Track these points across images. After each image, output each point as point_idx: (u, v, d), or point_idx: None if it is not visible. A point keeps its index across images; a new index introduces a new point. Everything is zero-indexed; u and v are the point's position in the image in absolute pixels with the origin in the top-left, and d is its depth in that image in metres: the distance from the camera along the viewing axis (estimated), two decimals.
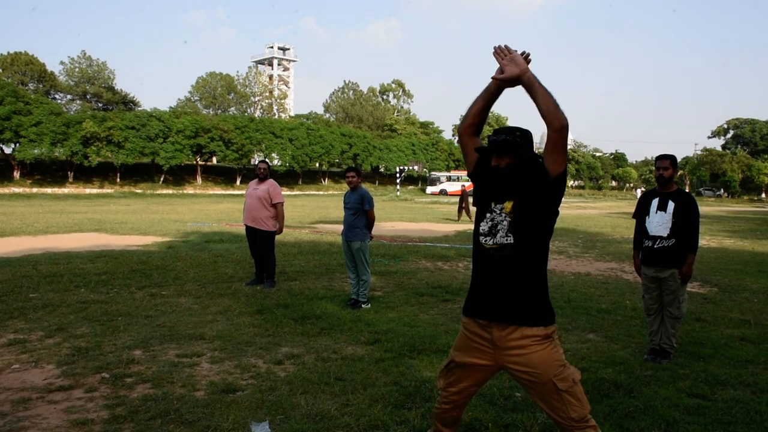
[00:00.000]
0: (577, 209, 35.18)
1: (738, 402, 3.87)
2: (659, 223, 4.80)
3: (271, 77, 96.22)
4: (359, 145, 60.17)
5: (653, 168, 4.98)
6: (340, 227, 7.26)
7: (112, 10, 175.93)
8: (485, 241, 2.59)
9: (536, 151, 2.63)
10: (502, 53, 2.55)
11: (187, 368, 4.41)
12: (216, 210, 25.81)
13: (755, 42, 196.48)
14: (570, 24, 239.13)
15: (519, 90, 2.53)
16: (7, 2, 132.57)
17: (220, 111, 67.90)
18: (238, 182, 52.74)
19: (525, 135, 2.59)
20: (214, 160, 55.45)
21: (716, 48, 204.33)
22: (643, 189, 71.38)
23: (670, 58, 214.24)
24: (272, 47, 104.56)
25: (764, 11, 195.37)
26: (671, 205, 4.76)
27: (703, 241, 14.86)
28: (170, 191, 46.11)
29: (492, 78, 2.56)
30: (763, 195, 73.04)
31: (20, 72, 55.24)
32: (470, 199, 23.05)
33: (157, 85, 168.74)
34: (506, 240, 2.53)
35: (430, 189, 60.96)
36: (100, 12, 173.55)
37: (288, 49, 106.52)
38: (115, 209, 25.12)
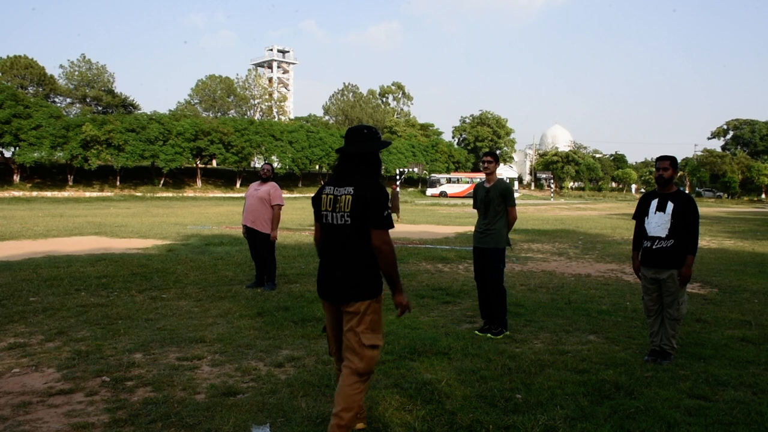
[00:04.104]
0: (577, 210, 35.21)
1: (739, 403, 3.87)
2: (658, 223, 4.80)
3: (270, 80, 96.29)
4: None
5: (653, 169, 4.97)
6: None
7: (112, 13, 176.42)
8: None
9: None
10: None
11: (187, 371, 4.41)
12: (216, 213, 25.81)
13: (755, 43, 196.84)
14: (570, 25, 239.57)
15: (517, 92, 2.56)
16: (6, 6, 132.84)
17: (219, 114, 67.96)
18: (238, 185, 52.76)
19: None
20: (214, 162, 55.48)
21: (716, 49, 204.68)
22: (643, 190, 71.37)
23: (670, 59, 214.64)
24: (272, 50, 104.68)
25: (764, 12, 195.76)
26: (670, 206, 4.76)
27: (703, 242, 14.86)
28: (170, 194, 46.14)
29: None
30: (763, 196, 73.05)
31: (20, 75, 55.32)
32: (400, 198, 23.72)
33: (156, 88, 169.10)
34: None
35: (430, 191, 60.99)
36: (100, 16, 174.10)
37: (288, 51, 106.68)
38: (115, 212, 25.13)
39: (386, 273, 3.06)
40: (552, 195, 63.90)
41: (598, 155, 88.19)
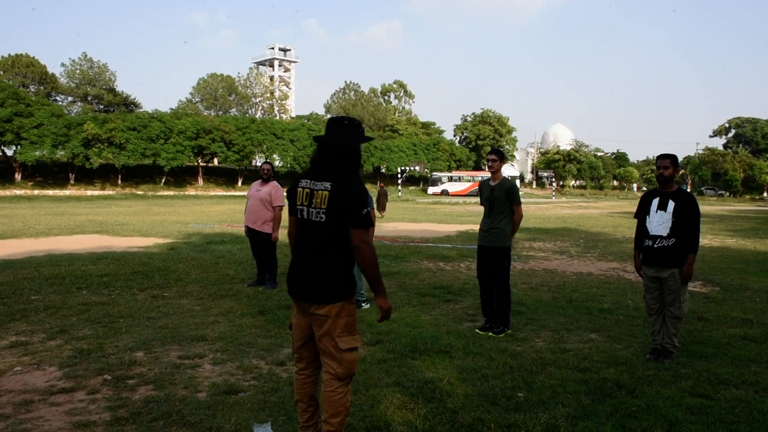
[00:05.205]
0: (578, 209, 35.18)
1: (741, 401, 3.86)
2: (659, 222, 4.79)
3: (272, 78, 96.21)
4: (361, 146, 60.15)
5: (655, 167, 4.96)
6: None
7: (112, 13, 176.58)
8: None
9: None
10: None
11: (189, 370, 4.41)
12: (217, 211, 25.83)
13: (756, 41, 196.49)
14: (570, 25, 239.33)
15: (517, 91, 2.55)
16: (8, 4, 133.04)
17: (221, 112, 67.94)
18: (239, 183, 52.77)
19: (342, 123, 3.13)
20: (216, 161, 55.47)
21: (717, 47, 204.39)
22: (644, 188, 71.28)
23: (670, 59, 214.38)
24: (273, 48, 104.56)
25: (764, 12, 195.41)
26: (671, 204, 4.76)
27: (705, 241, 14.84)
28: (171, 193, 46.16)
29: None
30: (765, 194, 72.92)
31: (21, 74, 55.36)
32: (388, 195, 23.99)
33: (157, 87, 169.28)
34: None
35: (431, 189, 60.96)
36: (102, 14, 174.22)
37: (289, 50, 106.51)
38: (116, 211, 25.14)
39: (367, 273, 2.94)
40: (554, 193, 63.86)
41: (599, 154, 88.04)
